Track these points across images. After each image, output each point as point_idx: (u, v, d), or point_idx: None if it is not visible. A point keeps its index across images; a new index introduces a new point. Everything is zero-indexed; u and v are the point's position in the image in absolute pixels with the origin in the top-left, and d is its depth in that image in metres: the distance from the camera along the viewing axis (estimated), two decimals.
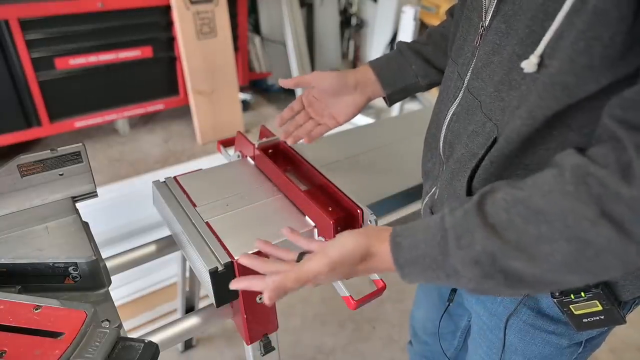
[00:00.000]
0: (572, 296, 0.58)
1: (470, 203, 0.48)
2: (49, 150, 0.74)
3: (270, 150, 0.95)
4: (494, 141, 0.53)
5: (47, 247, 0.68)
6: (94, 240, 0.71)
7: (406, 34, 2.51)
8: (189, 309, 1.39)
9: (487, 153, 0.54)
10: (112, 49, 2.49)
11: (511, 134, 0.50)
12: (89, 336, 0.53)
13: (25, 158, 0.73)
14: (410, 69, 0.82)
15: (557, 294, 0.59)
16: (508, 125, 0.51)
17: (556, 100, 0.46)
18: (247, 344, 0.76)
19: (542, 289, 0.48)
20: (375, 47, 3.85)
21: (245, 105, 3.17)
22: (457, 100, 0.63)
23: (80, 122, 2.56)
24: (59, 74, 2.41)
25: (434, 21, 3.47)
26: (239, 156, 1.02)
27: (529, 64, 0.47)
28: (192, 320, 0.78)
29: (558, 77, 0.45)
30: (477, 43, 0.58)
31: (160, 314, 1.65)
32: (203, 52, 2.66)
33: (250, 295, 0.72)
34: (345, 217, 0.77)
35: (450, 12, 0.82)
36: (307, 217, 0.82)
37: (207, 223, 0.79)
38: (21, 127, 2.40)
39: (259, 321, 0.75)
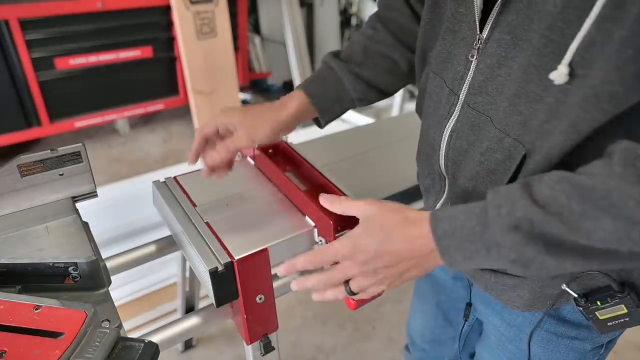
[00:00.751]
0: (598, 303, 0.58)
1: (515, 182, 0.48)
2: (49, 150, 0.74)
3: (270, 150, 0.94)
4: (524, 157, 0.52)
5: (47, 247, 0.68)
6: (94, 240, 0.71)
7: None
8: (189, 309, 1.39)
9: (520, 170, 0.53)
10: (112, 49, 2.50)
11: (553, 150, 0.48)
12: (89, 336, 0.53)
13: (25, 158, 0.73)
14: (349, 94, 0.76)
15: (583, 302, 0.59)
16: (547, 142, 0.49)
17: (603, 112, 0.44)
18: (247, 344, 0.76)
19: (588, 262, 0.45)
20: None
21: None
22: (454, 117, 0.61)
23: (80, 122, 2.56)
24: (59, 74, 2.41)
25: None
26: (238, 156, 1.02)
27: (560, 75, 0.45)
28: (192, 320, 0.78)
29: (603, 87, 0.43)
30: (471, 56, 0.56)
31: (160, 314, 1.65)
32: (203, 52, 2.66)
33: (251, 295, 0.72)
34: (345, 217, 0.77)
35: (373, 25, 0.77)
36: (307, 217, 0.82)
37: (207, 223, 0.78)
38: (21, 127, 2.41)
39: (259, 321, 0.75)
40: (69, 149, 0.76)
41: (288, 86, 3.49)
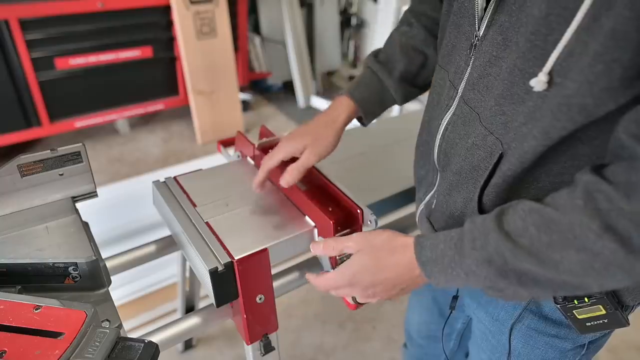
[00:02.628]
0: (575, 302, 0.58)
1: (491, 212, 0.51)
2: (49, 150, 0.74)
3: (270, 150, 0.95)
4: (500, 157, 0.53)
5: (47, 247, 0.68)
6: (94, 240, 0.71)
7: None
8: (189, 309, 1.39)
9: (495, 169, 0.54)
10: (112, 49, 2.50)
11: (526, 154, 0.50)
12: (89, 336, 0.53)
13: (25, 158, 0.73)
14: (392, 95, 0.81)
15: (561, 299, 0.59)
16: (521, 144, 0.50)
17: (573, 121, 0.45)
18: (247, 344, 0.76)
19: (558, 291, 0.49)
20: (375, 47, 3.85)
21: (245, 105, 3.17)
22: (452, 110, 0.62)
23: (81, 122, 2.56)
24: (59, 74, 2.41)
25: None
26: (239, 156, 1.02)
27: (539, 83, 0.46)
28: (192, 320, 0.78)
29: (575, 99, 0.44)
30: (470, 52, 0.57)
31: (160, 314, 1.65)
32: (203, 52, 2.66)
33: (251, 295, 0.72)
34: (345, 217, 0.77)
35: (408, 21, 0.80)
36: (307, 217, 0.82)
37: (207, 223, 0.79)
38: (21, 127, 2.41)
39: (259, 321, 0.75)
40: (69, 149, 0.75)
41: (288, 86, 3.49)
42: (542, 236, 0.46)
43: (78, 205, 0.79)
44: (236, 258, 0.70)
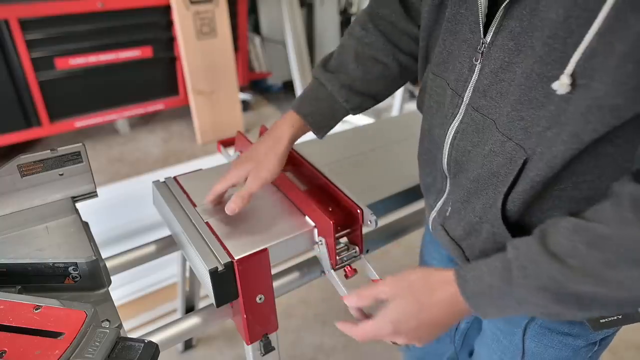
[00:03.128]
0: None
1: (532, 235, 0.50)
2: (49, 150, 0.74)
3: None
4: (524, 162, 0.52)
5: (47, 247, 0.68)
6: (94, 240, 0.71)
7: None
8: (189, 309, 1.39)
9: (520, 176, 0.53)
10: (112, 49, 2.50)
11: (555, 159, 0.49)
12: (89, 336, 0.53)
13: (25, 158, 0.73)
14: (342, 107, 0.77)
15: None
16: (549, 149, 0.49)
17: (605, 123, 0.44)
18: (247, 344, 0.76)
19: (624, 307, 0.48)
20: None
21: (245, 105, 3.17)
22: (459, 117, 0.61)
23: (80, 122, 2.56)
24: (59, 74, 2.41)
25: None
26: (239, 156, 1.02)
27: (562, 85, 0.45)
28: (192, 320, 0.78)
29: (605, 100, 0.43)
30: (475, 60, 0.56)
31: (160, 314, 1.65)
32: (203, 52, 2.66)
33: (251, 295, 0.72)
34: (345, 217, 0.77)
35: (364, 25, 0.75)
36: (307, 217, 0.82)
37: (207, 223, 0.79)
38: (21, 127, 2.41)
39: (259, 321, 0.75)
40: (69, 149, 0.76)
41: (288, 86, 3.49)
42: (595, 254, 0.44)
43: (78, 205, 0.79)
44: (236, 258, 0.70)
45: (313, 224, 0.80)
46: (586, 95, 0.44)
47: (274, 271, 0.78)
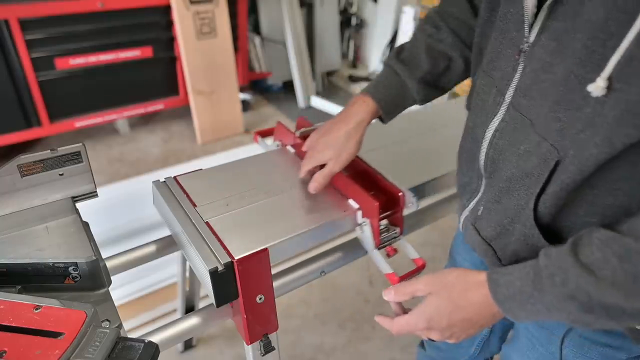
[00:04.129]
0: None
1: (565, 244, 0.50)
2: (49, 150, 0.74)
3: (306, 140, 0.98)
4: (556, 164, 0.52)
5: (47, 247, 0.68)
6: (94, 240, 0.71)
7: (406, 34, 2.51)
8: (189, 309, 1.39)
9: (552, 177, 0.53)
10: (112, 49, 2.49)
11: (587, 162, 0.49)
12: (89, 336, 0.53)
13: (25, 158, 0.73)
14: (412, 96, 0.82)
15: None
16: (581, 152, 0.49)
17: (637, 129, 0.44)
18: (247, 344, 0.76)
19: None
20: (376, 47, 3.85)
21: (245, 105, 3.17)
22: (499, 116, 0.61)
23: (80, 122, 2.56)
24: (59, 74, 2.41)
25: None
26: (278, 145, 1.06)
27: (597, 88, 0.45)
28: (192, 320, 0.78)
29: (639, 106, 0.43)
30: (518, 58, 0.56)
31: (160, 314, 1.65)
32: (203, 52, 2.66)
33: (251, 295, 0.72)
34: (388, 200, 0.84)
35: (435, 23, 0.80)
36: (350, 200, 0.86)
37: (207, 223, 0.79)
38: (21, 127, 2.41)
39: (259, 321, 0.75)
40: (69, 149, 0.76)
41: (288, 86, 3.49)
42: (627, 267, 0.44)
43: (78, 205, 0.79)
44: (236, 258, 0.70)
45: (357, 206, 0.84)
46: (621, 100, 0.44)
47: (273, 271, 0.78)
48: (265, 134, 1.11)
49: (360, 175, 0.90)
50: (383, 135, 1.16)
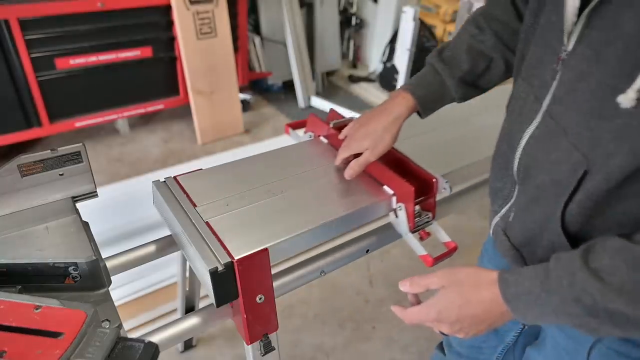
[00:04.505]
0: None
1: (578, 249, 0.51)
2: (49, 150, 0.74)
3: (342, 130, 1.02)
4: (584, 173, 0.52)
5: (47, 247, 0.68)
6: (94, 240, 0.71)
7: (406, 34, 2.51)
8: (189, 309, 1.39)
9: (579, 186, 0.53)
10: (112, 49, 2.49)
11: (612, 173, 0.49)
12: (89, 336, 0.53)
13: (26, 158, 0.73)
14: (451, 94, 0.85)
15: None
16: (607, 162, 0.49)
17: None
18: (247, 344, 0.76)
19: None
20: (376, 47, 3.85)
21: (245, 105, 3.17)
22: (535, 123, 0.61)
23: (80, 122, 2.56)
24: (59, 74, 2.41)
25: (434, 21, 3.47)
26: (310, 136, 1.11)
27: (627, 99, 0.45)
28: (192, 320, 0.78)
29: None
30: (557, 66, 0.57)
31: (160, 314, 1.65)
32: (203, 52, 2.66)
33: (251, 295, 0.72)
34: (421, 186, 0.88)
35: (478, 24, 0.82)
36: (385, 187, 0.90)
37: (207, 223, 0.79)
38: (21, 127, 2.40)
39: (259, 321, 0.75)
40: (69, 149, 0.76)
41: (288, 86, 3.49)
42: (635, 276, 0.45)
43: (78, 205, 0.79)
44: (236, 258, 0.70)
45: (392, 191, 0.89)
46: None
47: (273, 271, 0.78)
48: (295, 126, 1.17)
49: (395, 163, 0.94)
50: (415, 125, 1.18)
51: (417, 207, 0.88)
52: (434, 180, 0.89)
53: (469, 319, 0.59)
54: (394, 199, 0.89)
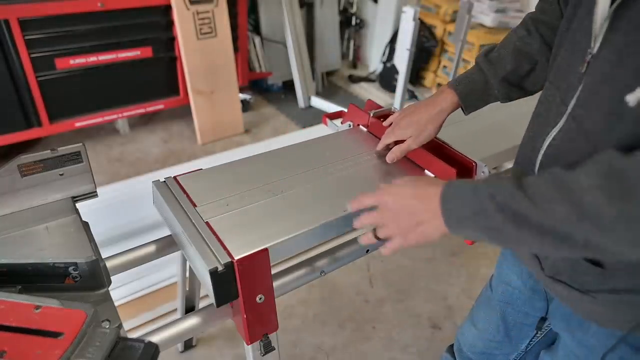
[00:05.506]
0: None
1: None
2: (49, 150, 0.74)
3: (381, 119, 1.08)
4: None
5: (47, 247, 0.68)
6: (94, 240, 0.71)
7: (406, 34, 2.51)
8: (189, 309, 1.39)
9: None
10: (112, 49, 2.49)
11: None
12: (89, 336, 0.53)
13: (26, 158, 0.73)
14: (494, 94, 0.87)
15: None
16: None
17: None
18: (247, 344, 0.76)
19: (544, 238, 0.51)
20: (376, 47, 3.85)
21: (245, 105, 3.17)
22: (559, 127, 0.61)
23: (80, 122, 2.56)
24: (59, 74, 2.41)
25: (434, 21, 3.47)
26: (349, 125, 1.17)
27: (634, 97, 0.46)
28: (192, 320, 0.78)
29: None
30: (583, 69, 0.57)
31: (160, 314, 1.65)
32: (203, 52, 2.66)
33: (251, 295, 0.72)
34: (461, 169, 0.93)
35: (527, 27, 0.83)
36: (426, 171, 0.97)
37: (207, 223, 0.79)
38: (21, 127, 2.40)
39: (259, 321, 0.75)
40: (69, 149, 0.76)
41: (288, 86, 3.49)
42: (548, 186, 0.49)
43: (78, 205, 0.79)
44: (236, 258, 0.70)
45: (433, 175, 0.96)
46: None
47: (273, 271, 0.78)
48: (333, 117, 1.25)
49: (435, 149, 0.99)
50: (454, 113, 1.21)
51: None
52: (473, 164, 0.94)
53: (408, 207, 0.62)
54: None
